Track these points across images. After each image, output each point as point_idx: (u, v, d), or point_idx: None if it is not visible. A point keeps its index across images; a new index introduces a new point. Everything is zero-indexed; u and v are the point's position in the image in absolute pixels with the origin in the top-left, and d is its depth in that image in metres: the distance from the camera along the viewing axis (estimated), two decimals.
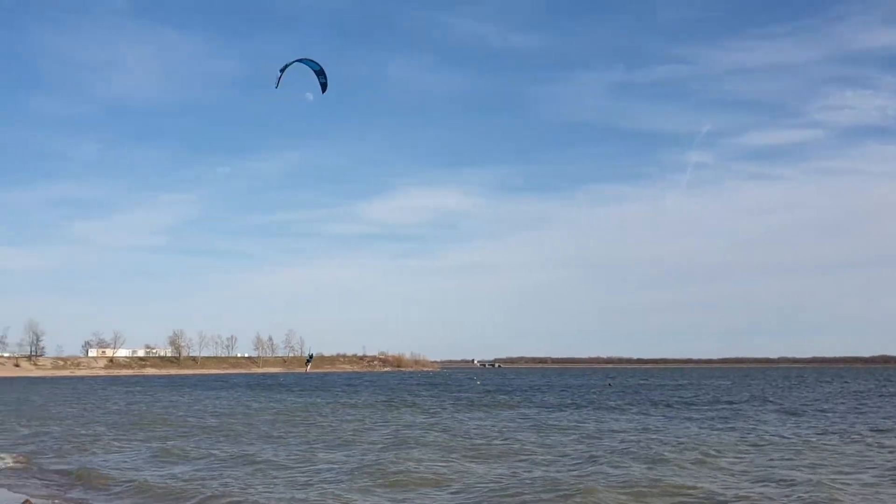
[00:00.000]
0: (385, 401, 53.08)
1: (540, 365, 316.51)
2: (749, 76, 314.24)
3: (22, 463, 21.15)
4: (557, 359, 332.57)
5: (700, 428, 29.57)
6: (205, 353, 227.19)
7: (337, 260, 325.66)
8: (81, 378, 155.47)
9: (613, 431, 28.39)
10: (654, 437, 26.18)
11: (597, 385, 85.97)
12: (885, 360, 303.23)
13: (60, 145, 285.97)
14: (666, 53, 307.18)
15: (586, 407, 44.55)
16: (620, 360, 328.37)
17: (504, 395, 61.62)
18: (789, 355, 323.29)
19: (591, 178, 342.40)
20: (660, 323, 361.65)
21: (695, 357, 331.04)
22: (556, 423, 32.86)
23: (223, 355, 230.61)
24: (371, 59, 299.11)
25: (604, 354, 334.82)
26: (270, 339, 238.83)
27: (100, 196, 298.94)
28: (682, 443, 24.04)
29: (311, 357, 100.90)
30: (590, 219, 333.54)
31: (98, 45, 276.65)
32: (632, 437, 26.02)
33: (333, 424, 32.76)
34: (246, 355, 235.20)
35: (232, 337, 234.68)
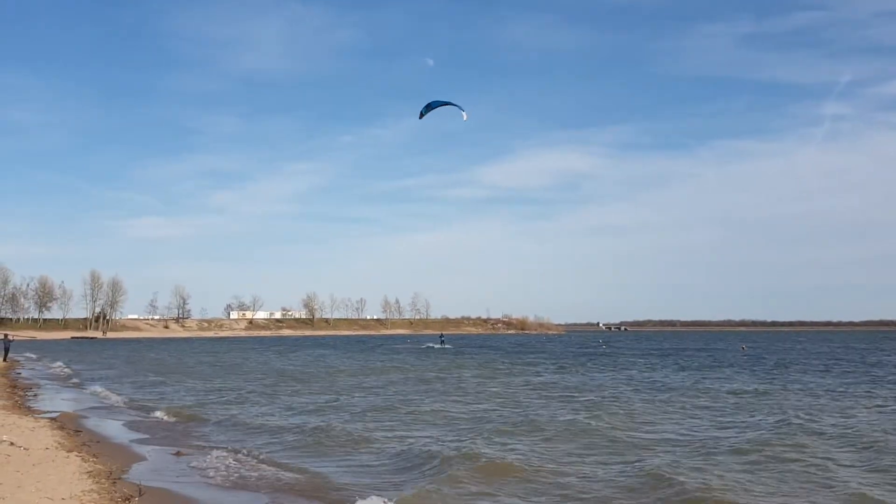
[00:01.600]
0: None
1: (669, 328, 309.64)
2: (893, 19, 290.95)
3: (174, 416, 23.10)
4: (686, 322, 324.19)
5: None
6: (336, 315, 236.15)
7: (460, 224, 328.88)
8: (225, 338, 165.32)
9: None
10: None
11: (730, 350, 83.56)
12: None
13: (199, 120, 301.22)
14: (799, 0, 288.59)
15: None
16: (754, 324, 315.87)
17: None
18: None
19: (718, 133, 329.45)
20: (796, 284, 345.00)
21: (835, 319, 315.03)
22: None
23: (353, 317, 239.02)
24: (490, 20, 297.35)
25: (735, 317, 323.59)
26: (397, 301, 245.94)
27: (236, 167, 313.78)
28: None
29: (442, 339, 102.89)
30: (717, 176, 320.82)
31: (227, 22, 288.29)
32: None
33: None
34: (375, 317, 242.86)
35: (361, 300, 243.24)
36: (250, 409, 24.34)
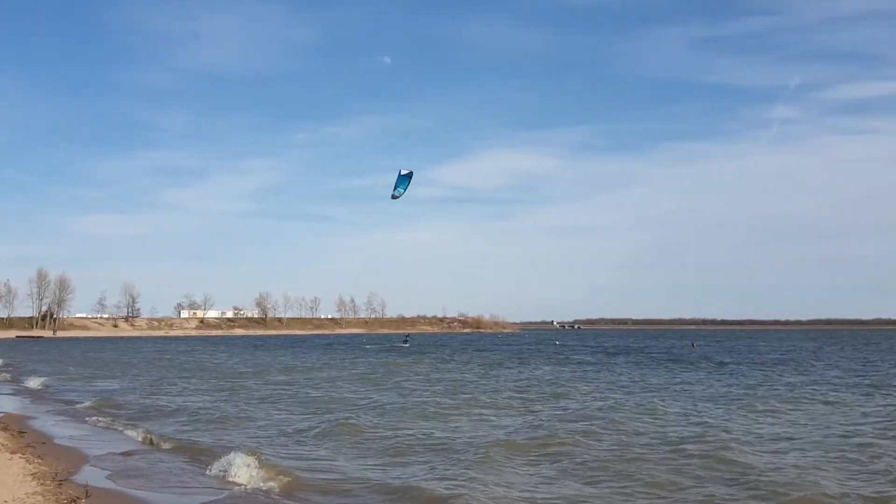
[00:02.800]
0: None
1: (621, 326, 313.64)
2: (843, 26, 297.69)
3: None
4: (638, 320, 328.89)
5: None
6: (289, 315, 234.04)
7: (418, 223, 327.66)
8: (174, 338, 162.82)
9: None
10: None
11: (679, 346, 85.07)
12: None
13: (153, 116, 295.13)
14: (752, 5, 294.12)
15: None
16: (704, 322, 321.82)
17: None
18: (884, 316, 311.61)
19: (672, 135, 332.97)
20: (745, 284, 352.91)
21: (782, 318, 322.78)
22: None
23: (307, 317, 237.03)
24: (447, 20, 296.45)
25: (687, 315, 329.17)
26: (353, 300, 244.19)
27: (189, 164, 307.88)
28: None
29: (406, 339, 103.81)
30: (671, 178, 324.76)
31: (183, 17, 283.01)
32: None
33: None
34: (329, 317, 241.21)
35: (315, 299, 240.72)
36: (206, 409, 24.03)
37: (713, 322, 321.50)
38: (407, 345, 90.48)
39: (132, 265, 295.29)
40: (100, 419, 21.83)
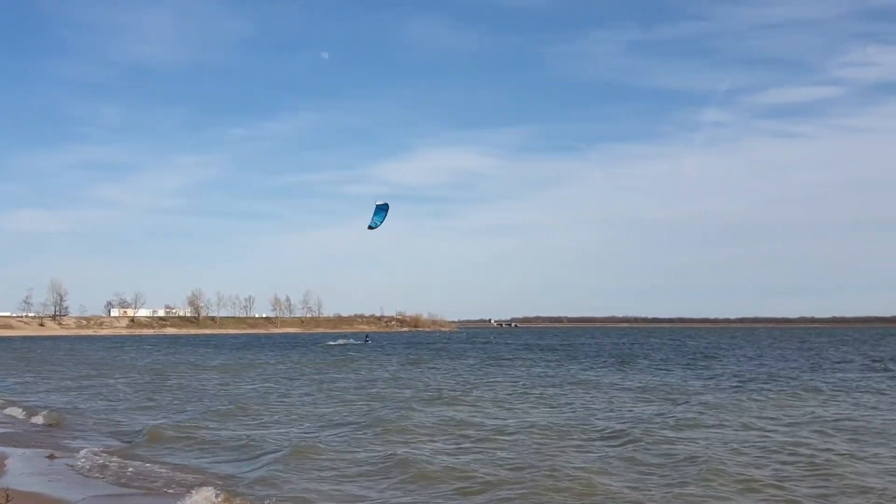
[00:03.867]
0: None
1: (556, 324, 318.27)
2: (770, 32, 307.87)
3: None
4: (573, 318, 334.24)
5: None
6: (223, 314, 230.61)
7: (355, 221, 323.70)
8: (103, 337, 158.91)
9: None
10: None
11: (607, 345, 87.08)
12: None
13: (82, 109, 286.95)
14: (684, 10, 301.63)
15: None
16: (636, 320, 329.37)
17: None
18: (808, 315, 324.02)
19: (607, 137, 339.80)
20: (677, 283, 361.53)
21: (712, 317, 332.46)
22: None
23: (241, 316, 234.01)
24: (386, 18, 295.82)
25: (619, 314, 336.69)
26: (288, 299, 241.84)
27: (121, 158, 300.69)
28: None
29: (367, 338, 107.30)
30: (606, 178, 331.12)
31: (114, 9, 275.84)
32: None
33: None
34: (264, 315, 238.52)
35: (250, 297, 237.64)
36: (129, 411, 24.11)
37: (645, 320, 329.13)
38: (368, 342, 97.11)
39: (60, 262, 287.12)
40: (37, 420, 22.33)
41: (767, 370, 40.53)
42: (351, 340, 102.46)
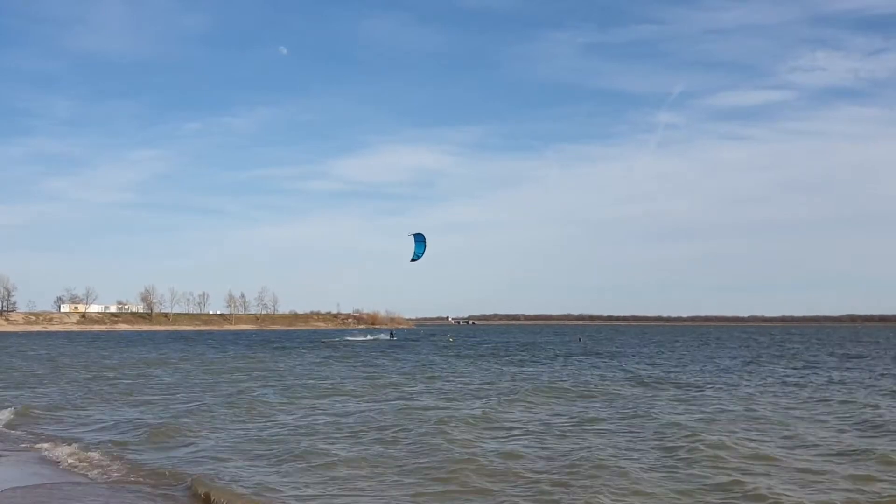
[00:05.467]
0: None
1: (514, 322, 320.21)
2: (723, 36, 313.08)
3: None
4: (530, 315, 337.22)
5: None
6: (176, 310, 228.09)
7: (312, 217, 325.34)
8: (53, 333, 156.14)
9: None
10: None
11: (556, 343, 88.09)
12: (852, 318, 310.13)
13: (32, 101, 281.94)
14: (640, 13, 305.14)
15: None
16: (592, 318, 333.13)
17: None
18: (759, 314, 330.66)
19: (564, 137, 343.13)
20: (631, 281, 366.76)
21: (665, 315, 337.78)
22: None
23: (195, 312, 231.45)
24: (347, 15, 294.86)
25: (575, 311, 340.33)
26: (243, 296, 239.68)
27: (72, 152, 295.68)
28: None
29: (392, 334, 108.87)
30: (562, 178, 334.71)
31: (67, 0, 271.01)
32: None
33: None
34: (218, 312, 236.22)
35: (204, 294, 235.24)
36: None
37: (600, 318, 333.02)
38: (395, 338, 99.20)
39: (8, 257, 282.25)
40: None
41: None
42: (381, 336, 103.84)
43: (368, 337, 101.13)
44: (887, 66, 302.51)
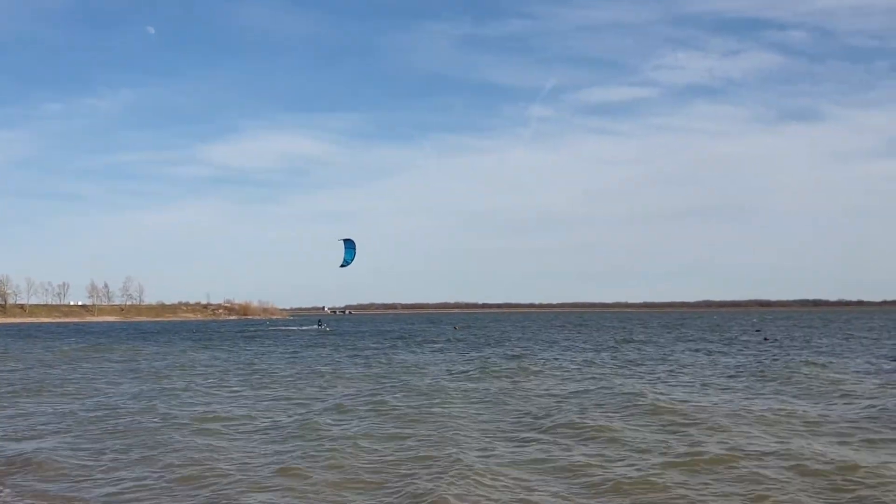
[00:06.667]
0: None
1: (391, 311, 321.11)
2: (593, 34, 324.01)
3: None
4: (407, 304, 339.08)
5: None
6: (34, 301, 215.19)
7: (179, 204, 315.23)
8: None
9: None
10: None
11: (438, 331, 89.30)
12: (708, 304, 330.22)
13: None
14: (514, 8, 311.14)
15: None
16: (468, 305, 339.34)
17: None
18: (623, 300, 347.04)
19: (440, 127, 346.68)
20: (504, 270, 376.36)
21: (537, 302, 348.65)
22: None
23: (54, 303, 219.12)
24: None
25: (451, 300, 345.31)
26: (106, 286, 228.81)
27: None
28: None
29: (319, 322, 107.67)
30: (439, 168, 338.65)
31: None
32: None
33: None
34: (80, 303, 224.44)
35: (64, 284, 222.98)
36: None
37: (475, 305, 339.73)
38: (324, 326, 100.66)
39: None
40: None
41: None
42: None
43: (304, 327, 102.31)
44: (740, 67, 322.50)
